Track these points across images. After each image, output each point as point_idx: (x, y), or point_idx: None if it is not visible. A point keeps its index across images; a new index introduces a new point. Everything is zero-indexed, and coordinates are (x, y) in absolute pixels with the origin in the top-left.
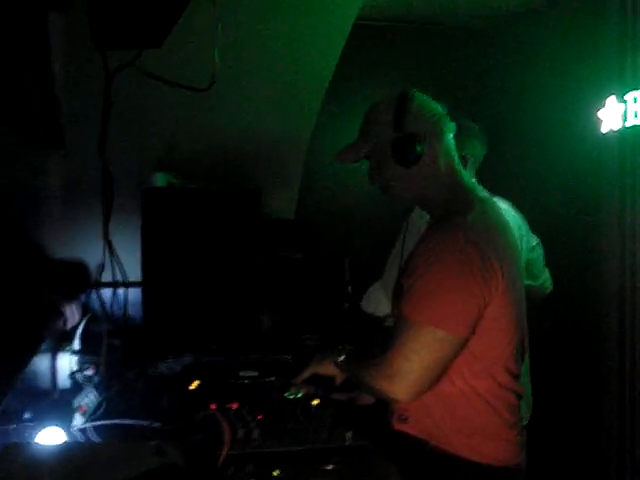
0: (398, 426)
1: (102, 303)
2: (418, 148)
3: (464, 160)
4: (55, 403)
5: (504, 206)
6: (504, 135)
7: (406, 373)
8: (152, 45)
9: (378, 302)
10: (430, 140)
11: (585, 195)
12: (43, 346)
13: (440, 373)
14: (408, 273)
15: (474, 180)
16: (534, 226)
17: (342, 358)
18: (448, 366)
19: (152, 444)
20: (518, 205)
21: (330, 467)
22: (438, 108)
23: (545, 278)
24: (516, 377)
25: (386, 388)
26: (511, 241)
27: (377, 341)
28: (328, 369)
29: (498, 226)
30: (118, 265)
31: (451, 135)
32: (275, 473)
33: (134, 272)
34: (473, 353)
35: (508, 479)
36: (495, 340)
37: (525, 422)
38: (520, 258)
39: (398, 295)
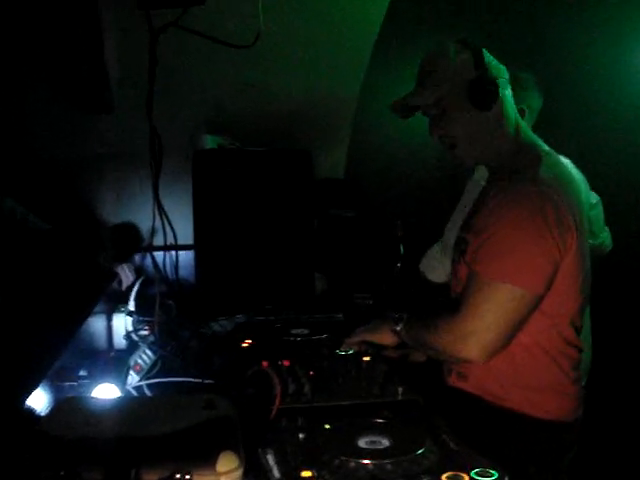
0: (455, 384)
1: (155, 265)
2: (499, 89)
3: (522, 113)
4: (110, 362)
5: (565, 161)
6: (559, 89)
7: (481, 333)
8: (195, 2)
9: (439, 264)
10: (501, 87)
11: None
12: (98, 307)
13: (515, 332)
14: (477, 230)
15: None
16: (592, 183)
17: (401, 326)
18: (523, 324)
19: (204, 397)
20: (576, 162)
21: (380, 421)
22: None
23: (604, 237)
24: (579, 332)
25: (459, 349)
26: (579, 195)
27: (440, 304)
28: (383, 338)
29: (566, 180)
30: (170, 227)
31: (510, 87)
32: (326, 426)
33: (187, 235)
34: (542, 310)
35: (566, 433)
36: (565, 296)
37: (585, 377)
38: (585, 212)
39: (462, 252)
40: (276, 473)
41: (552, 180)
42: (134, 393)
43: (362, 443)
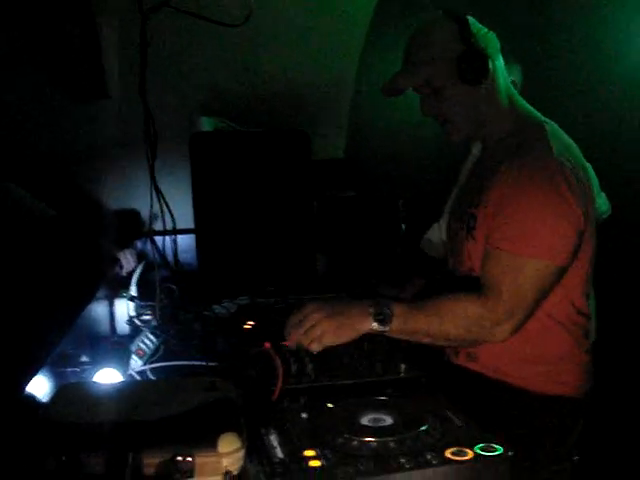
0: (463, 364)
1: (156, 249)
2: (489, 63)
3: (514, 85)
4: (113, 347)
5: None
6: (555, 69)
7: (519, 313)
8: None
9: (440, 242)
10: (491, 57)
11: None
12: (100, 293)
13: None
14: (493, 205)
15: None
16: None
17: (390, 326)
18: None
19: (205, 379)
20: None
21: (383, 398)
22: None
23: (600, 203)
24: (588, 299)
25: (494, 333)
26: (583, 160)
27: (437, 281)
28: (345, 338)
29: (571, 146)
30: (169, 212)
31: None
32: (329, 405)
33: (187, 218)
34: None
35: (577, 406)
36: (579, 266)
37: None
38: None
39: (469, 228)
40: (279, 453)
41: (561, 148)
42: (137, 378)
43: (365, 421)
